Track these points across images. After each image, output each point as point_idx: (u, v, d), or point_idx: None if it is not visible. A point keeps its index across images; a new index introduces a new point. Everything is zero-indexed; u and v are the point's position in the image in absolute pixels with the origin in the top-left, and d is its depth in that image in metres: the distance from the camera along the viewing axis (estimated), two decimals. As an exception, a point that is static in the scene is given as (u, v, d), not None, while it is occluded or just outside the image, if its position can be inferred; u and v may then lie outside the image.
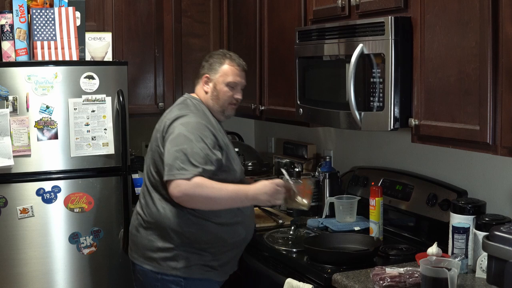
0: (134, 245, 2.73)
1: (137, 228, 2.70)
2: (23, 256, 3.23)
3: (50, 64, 3.27)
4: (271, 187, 2.56)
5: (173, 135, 2.55)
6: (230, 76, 2.73)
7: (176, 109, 2.69)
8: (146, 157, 2.77)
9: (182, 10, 3.93)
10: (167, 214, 2.59)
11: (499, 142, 2.06)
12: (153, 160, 2.65)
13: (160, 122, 2.71)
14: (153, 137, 2.70)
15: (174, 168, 2.46)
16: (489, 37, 2.04)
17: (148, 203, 2.66)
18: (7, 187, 3.19)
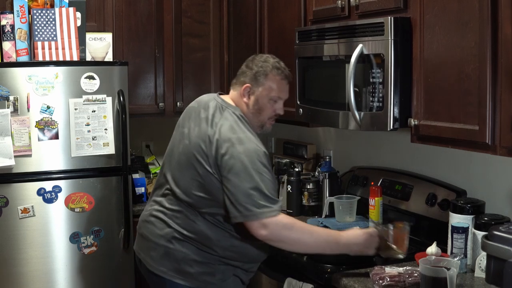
0: (164, 258, 2.44)
1: (171, 240, 2.43)
2: (24, 255, 3.24)
3: (51, 65, 3.27)
4: (365, 238, 2.37)
5: (237, 167, 2.30)
6: (275, 91, 2.50)
7: (226, 127, 2.39)
8: (171, 167, 2.50)
9: (182, 10, 3.93)
10: (211, 235, 2.40)
11: (498, 142, 2.06)
12: (196, 181, 2.39)
13: (196, 129, 2.45)
14: (189, 147, 2.43)
15: (253, 207, 2.26)
16: (488, 38, 2.05)
17: (187, 220, 2.43)
18: (8, 187, 3.20)
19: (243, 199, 2.28)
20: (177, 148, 2.52)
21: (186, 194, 2.43)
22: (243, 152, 2.32)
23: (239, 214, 2.29)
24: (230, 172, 2.31)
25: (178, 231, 2.43)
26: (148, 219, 2.55)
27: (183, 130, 2.53)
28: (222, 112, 2.46)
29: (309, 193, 3.34)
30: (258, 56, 2.58)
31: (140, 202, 3.65)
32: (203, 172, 2.38)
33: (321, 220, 3.09)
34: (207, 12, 4.00)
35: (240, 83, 2.53)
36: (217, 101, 2.51)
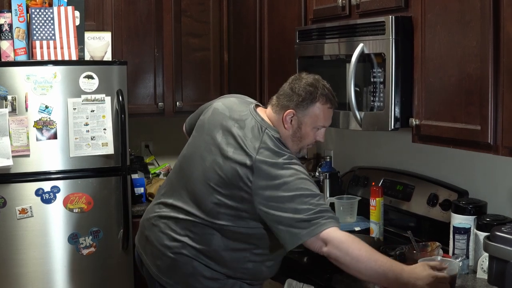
0: (171, 269, 2.35)
1: (180, 253, 2.33)
2: (22, 256, 3.22)
3: (49, 64, 3.26)
4: (433, 281, 2.01)
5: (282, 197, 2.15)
6: (321, 120, 2.32)
7: (266, 153, 2.22)
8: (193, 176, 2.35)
9: (182, 9, 3.92)
10: (225, 256, 2.31)
11: (500, 142, 2.05)
12: (225, 204, 2.26)
13: (229, 149, 2.28)
14: (221, 167, 2.27)
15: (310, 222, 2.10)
16: (490, 37, 2.03)
17: (202, 236, 2.31)
18: (6, 187, 3.18)
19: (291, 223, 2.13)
20: (203, 160, 2.35)
21: (212, 213, 2.29)
22: (290, 176, 2.18)
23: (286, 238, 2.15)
24: (274, 201, 2.16)
25: (190, 245, 2.32)
26: (156, 223, 2.42)
27: (210, 140, 2.36)
28: (260, 133, 2.28)
29: (309, 193, 3.32)
30: (304, 78, 2.36)
31: (139, 203, 3.64)
32: (237, 197, 2.23)
33: (322, 220, 3.07)
34: (207, 11, 3.98)
35: (283, 107, 2.32)
36: (255, 120, 2.33)
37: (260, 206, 2.18)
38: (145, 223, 2.50)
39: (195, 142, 2.44)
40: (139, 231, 2.56)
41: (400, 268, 2.06)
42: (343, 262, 2.09)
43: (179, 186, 2.42)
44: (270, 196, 2.17)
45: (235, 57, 3.90)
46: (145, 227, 2.49)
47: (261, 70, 3.52)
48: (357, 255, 2.07)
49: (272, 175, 2.18)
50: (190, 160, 2.41)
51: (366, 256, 2.07)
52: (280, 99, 2.36)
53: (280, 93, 2.39)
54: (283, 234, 2.16)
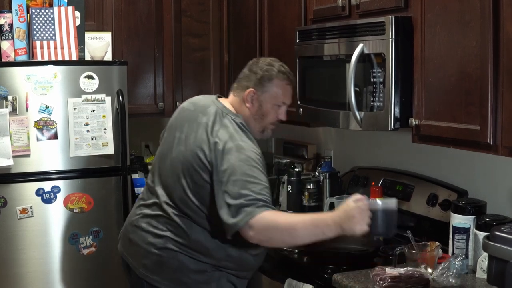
0: (157, 266, 2.37)
1: (165, 249, 2.36)
2: (22, 256, 3.22)
3: (50, 64, 3.26)
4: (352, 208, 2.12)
5: (235, 175, 2.20)
6: (280, 96, 2.44)
7: (226, 135, 2.31)
8: (165, 172, 2.43)
9: (182, 9, 3.92)
10: (207, 245, 2.34)
11: (500, 142, 2.05)
12: (192, 190, 2.33)
13: (192, 135, 2.37)
14: (186, 154, 2.36)
15: (243, 210, 2.16)
16: (490, 37, 2.04)
17: (181, 228, 2.35)
18: (7, 187, 3.19)
19: (234, 208, 2.17)
20: (171, 153, 2.44)
21: (182, 202, 2.36)
22: (242, 160, 2.24)
23: (226, 214, 2.19)
24: (225, 181, 2.21)
25: (173, 239, 2.36)
26: (139, 224, 2.46)
27: (178, 135, 2.44)
28: (222, 119, 2.38)
29: (309, 193, 3.33)
30: (261, 60, 2.51)
31: (139, 203, 3.64)
32: (199, 180, 2.31)
33: (321, 220, 3.07)
34: (207, 11, 3.99)
35: (243, 88, 2.46)
36: (217, 107, 2.43)
37: (216, 188, 2.24)
38: (128, 228, 2.53)
39: (166, 141, 2.51)
40: (122, 237, 2.58)
41: (324, 215, 2.26)
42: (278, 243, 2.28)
43: (156, 185, 2.47)
44: (219, 179, 2.23)
45: (235, 57, 3.90)
46: (129, 231, 2.51)
47: (261, 70, 3.52)
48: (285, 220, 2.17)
49: (224, 158, 2.24)
50: (163, 158, 2.49)
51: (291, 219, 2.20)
52: (240, 82, 2.49)
53: (239, 77, 2.51)
54: (224, 220, 2.19)
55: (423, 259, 2.29)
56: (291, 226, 2.16)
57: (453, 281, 2.18)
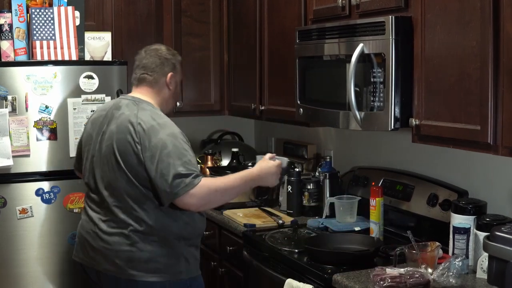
0: (131, 262, 2.48)
1: (131, 243, 2.48)
2: (22, 256, 3.23)
3: (49, 64, 3.26)
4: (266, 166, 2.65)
5: (165, 150, 2.42)
6: (181, 74, 2.80)
7: (147, 115, 2.51)
8: (101, 171, 2.55)
9: (182, 10, 3.92)
10: (165, 221, 2.49)
11: (500, 142, 2.05)
12: (133, 173, 2.46)
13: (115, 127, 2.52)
14: (117, 145, 2.49)
15: (182, 181, 2.40)
16: (490, 37, 2.03)
17: (137, 217, 2.48)
18: (6, 187, 3.19)
19: (172, 178, 2.40)
20: (100, 151, 2.56)
21: (128, 195, 2.48)
22: (169, 135, 2.46)
23: (166, 188, 2.40)
24: (158, 156, 2.41)
25: (134, 230, 2.48)
26: (95, 230, 2.55)
27: (100, 138, 2.57)
28: (138, 104, 2.57)
29: (309, 193, 3.33)
30: (153, 48, 2.72)
31: (139, 203, 3.64)
32: (137, 162, 2.45)
33: (322, 220, 3.07)
34: (207, 11, 3.99)
35: (161, 75, 2.66)
36: (128, 100, 2.62)
37: (148, 164, 2.43)
38: (86, 236, 2.60)
39: (89, 148, 2.63)
40: (81, 248, 2.64)
41: (249, 172, 2.63)
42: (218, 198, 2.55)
43: (96, 187, 2.57)
44: (154, 154, 2.42)
45: (235, 57, 3.90)
46: (88, 239, 2.58)
47: (261, 70, 3.52)
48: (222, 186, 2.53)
49: (152, 135, 2.45)
50: (93, 161, 2.60)
51: (226, 181, 2.56)
52: (154, 72, 2.66)
53: (145, 68, 2.67)
54: (160, 188, 2.42)
55: (423, 259, 2.29)
56: (227, 187, 2.54)
57: (453, 281, 2.18)
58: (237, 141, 4.29)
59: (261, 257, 2.87)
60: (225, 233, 3.30)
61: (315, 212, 3.32)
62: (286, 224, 3.14)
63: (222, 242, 3.33)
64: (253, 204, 3.53)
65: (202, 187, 2.43)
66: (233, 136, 4.26)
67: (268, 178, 2.65)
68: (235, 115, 4.01)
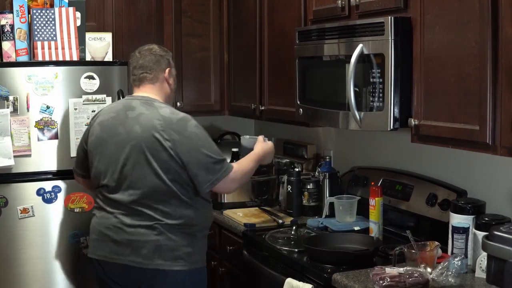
0: (157, 251, 2.57)
1: (158, 234, 2.57)
2: (23, 256, 3.23)
3: (51, 64, 3.27)
4: (266, 146, 2.92)
5: (196, 142, 2.58)
6: (175, 67, 2.89)
7: (167, 112, 2.62)
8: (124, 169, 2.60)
9: (182, 10, 3.93)
10: (189, 214, 2.61)
11: (498, 142, 2.06)
12: (163, 169, 2.55)
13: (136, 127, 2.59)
14: (141, 144, 2.57)
15: (221, 168, 2.61)
16: (488, 37, 2.04)
17: (165, 211, 2.57)
18: (8, 187, 3.20)
19: (211, 166, 2.58)
20: (121, 152, 2.61)
21: (153, 188, 2.56)
22: (195, 127, 2.63)
23: (211, 179, 2.59)
24: (193, 147, 2.57)
25: (159, 223, 2.57)
26: (118, 224, 2.61)
27: (119, 138, 2.63)
28: (151, 103, 2.67)
29: (309, 193, 3.34)
30: (148, 47, 2.80)
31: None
32: (168, 158, 2.55)
33: (321, 220, 3.08)
34: (207, 12, 3.99)
35: (159, 71, 2.76)
36: (138, 100, 2.71)
37: (181, 155, 2.55)
38: (106, 231, 2.65)
39: (108, 153, 2.66)
40: (97, 245, 2.70)
41: (256, 153, 2.85)
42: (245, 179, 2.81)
43: (119, 185, 2.62)
44: (190, 145, 2.57)
45: (235, 57, 3.91)
46: (108, 235, 2.64)
47: (261, 70, 3.53)
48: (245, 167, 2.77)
49: (180, 129, 2.58)
50: (112, 162, 2.64)
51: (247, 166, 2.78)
52: (152, 70, 2.75)
53: (143, 67, 2.74)
54: (201, 176, 2.58)
55: (422, 259, 2.30)
56: (248, 169, 2.79)
57: (452, 280, 2.19)
58: (237, 141, 4.29)
59: (261, 256, 2.88)
60: (225, 233, 3.31)
61: (314, 211, 3.32)
62: (286, 224, 3.15)
63: (222, 241, 3.34)
64: (253, 204, 3.54)
65: (237, 171, 2.68)
66: (233, 136, 4.27)
67: (268, 157, 2.94)
68: (235, 115, 4.02)
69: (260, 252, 2.90)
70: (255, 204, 3.53)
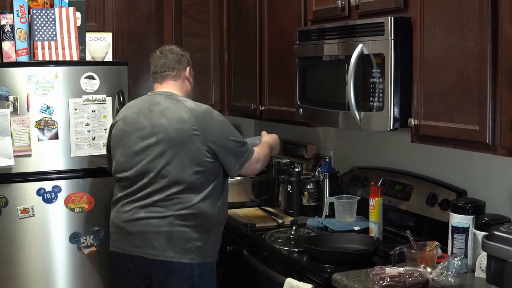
0: (169, 242, 2.66)
1: (172, 224, 2.66)
2: (23, 256, 3.23)
3: (51, 64, 3.27)
4: (272, 137, 3.12)
5: (222, 130, 2.73)
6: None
7: (191, 105, 2.73)
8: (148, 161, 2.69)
9: (182, 10, 3.93)
10: (206, 208, 2.69)
11: (498, 142, 2.06)
12: (188, 160, 2.65)
13: (163, 120, 2.69)
14: (168, 136, 2.67)
15: (246, 151, 2.78)
16: (488, 37, 2.05)
17: (182, 203, 2.66)
18: (8, 187, 3.20)
19: (238, 149, 2.75)
20: (145, 145, 2.71)
21: (175, 179, 2.65)
22: (218, 116, 2.76)
23: (239, 161, 2.75)
24: (221, 135, 2.70)
25: (174, 215, 2.65)
26: (133, 217, 2.72)
27: (143, 132, 2.72)
28: (174, 97, 2.79)
29: (309, 193, 3.34)
30: (168, 47, 2.95)
31: (140, 202, 3.64)
32: (196, 148, 2.65)
33: (321, 220, 3.09)
34: (207, 12, 4.00)
35: (181, 69, 2.89)
36: (161, 95, 2.81)
37: (211, 144, 2.67)
38: (123, 225, 2.76)
39: (131, 146, 2.76)
40: (115, 238, 2.83)
41: (268, 143, 3.03)
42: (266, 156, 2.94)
43: (146, 184, 2.71)
44: (218, 133, 2.70)
45: (235, 57, 3.91)
46: (123, 227, 2.76)
47: (261, 70, 3.53)
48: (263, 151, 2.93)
49: (206, 119, 2.70)
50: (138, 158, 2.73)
51: (264, 150, 2.94)
52: (175, 68, 2.87)
53: (165, 66, 2.86)
54: (231, 160, 2.73)
55: (422, 259, 2.30)
56: (267, 153, 2.95)
57: (452, 280, 2.19)
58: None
59: (261, 256, 2.88)
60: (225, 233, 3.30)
61: (314, 211, 3.33)
62: (286, 223, 3.16)
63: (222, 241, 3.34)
64: (253, 203, 3.54)
65: (259, 153, 2.86)
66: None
67: (276, 147, 3.11)
68: (235, 115, 4.02)
69: (260, 252, 2.90)
70: (255, 204, 3.54)
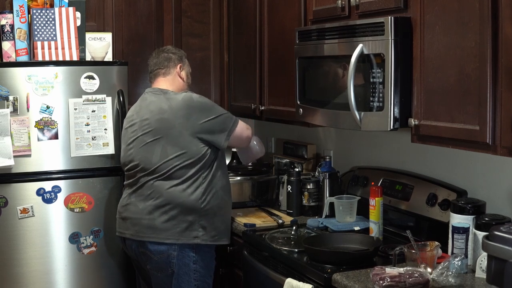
0: (148, 228, 2.90)
1: (151, 212, 2.91)
2: (23, 256, 3.23)
3: (51, 64, 3.27)
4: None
5: (202, 105, 2.93)
6: (188, 66, 3.21)
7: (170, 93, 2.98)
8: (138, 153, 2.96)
9: (182, 10, 3.93)
10: (180, 195, 2.90)
11: (498, 142, 2.06)
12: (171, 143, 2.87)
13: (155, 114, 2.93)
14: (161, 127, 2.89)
15: (230, 118, 2.98)
16: (488, 37, 2.04)
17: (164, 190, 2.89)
18: (8, 187, 3.20)
19: (222, 123, 2.95)
20: (135, 137, 2.98)
21: (158, 166, 2.88)
22: (197, 99, 2.94)
23: (226, 132, 2.94)
24: (203, 112, 2.90)
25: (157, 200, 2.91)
26: (127, 202, 3.01)
27: (133, 128, 3.00)
28: (160, 93, 3.00)
29: (309, 193, 3.34)
30: (163, 48, 3.19)
31: (140, 202, 3.64)
32: (179, 132, 2.86)
33: (321, 220, 3.09)
34: (207, 12, 4.00)
35: (172, 66, 3.10)
36: (150, 92, 3.05)
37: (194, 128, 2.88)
38: (121, 210, 3.06)
39: (127, 141, 3.04)
40: (119, 223, 3.08)
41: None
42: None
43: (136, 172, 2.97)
44: (199, 116, 2.89)
45: (235, 57, 3.91)
46: (121, 212, 3.05)
47: (261, 70, 3.53)
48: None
49: (190, 103, 2.91)
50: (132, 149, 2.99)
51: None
52: (164, 66, 3.09)
53: (158, 64, 3.10)
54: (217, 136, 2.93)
55: (422, 259, 2.30)
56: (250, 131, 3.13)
57: (452, 280, 2.19)
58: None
59: (261, 256, 2.88)
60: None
61: (314, 211, 3.33)
62: (286, 223, 3.15)
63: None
64: (253, 204, 3.54)
65: (243, 122, 3.06)
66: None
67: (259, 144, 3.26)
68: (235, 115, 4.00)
69: (260, 252, 2.90)
70: (255, 204, 3.53)
